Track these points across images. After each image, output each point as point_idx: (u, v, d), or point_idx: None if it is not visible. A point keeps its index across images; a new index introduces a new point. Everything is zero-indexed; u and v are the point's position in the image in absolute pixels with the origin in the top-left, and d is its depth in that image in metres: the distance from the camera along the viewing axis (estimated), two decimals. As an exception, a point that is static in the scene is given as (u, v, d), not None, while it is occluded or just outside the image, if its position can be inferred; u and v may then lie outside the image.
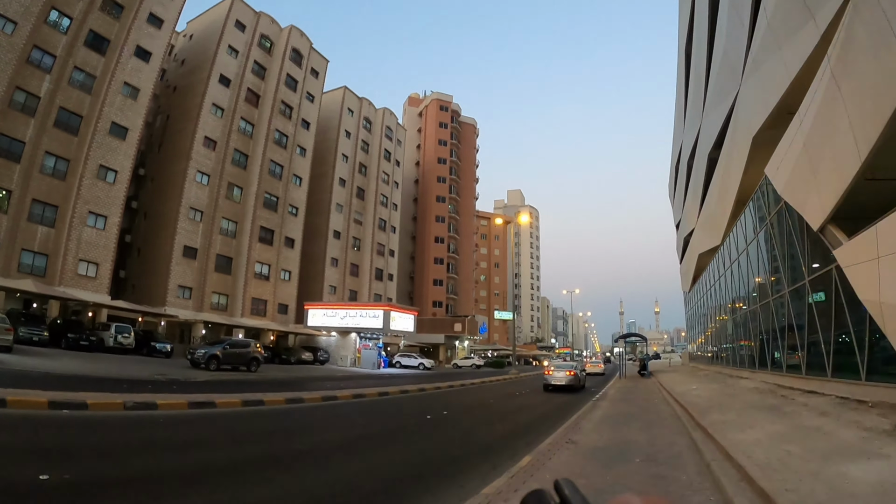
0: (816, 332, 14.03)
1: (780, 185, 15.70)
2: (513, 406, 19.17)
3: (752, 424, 9.16)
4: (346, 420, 13.48)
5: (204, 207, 46.44)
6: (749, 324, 22.78)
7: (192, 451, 8.66)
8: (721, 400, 14.16)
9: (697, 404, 13.28)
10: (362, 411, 15.48)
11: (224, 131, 48.66)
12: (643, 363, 42.16)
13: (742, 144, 20.27)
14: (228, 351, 29.97)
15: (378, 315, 44.83)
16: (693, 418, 10.93)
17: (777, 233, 17.50)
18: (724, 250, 27.75)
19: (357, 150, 65.13)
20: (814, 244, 14.32)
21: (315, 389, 20.52)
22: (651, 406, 15.76)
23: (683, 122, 37.50)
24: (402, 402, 18.69)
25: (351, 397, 18.45)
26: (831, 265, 12.87)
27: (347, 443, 9.83)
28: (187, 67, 51.32)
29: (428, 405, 17.80)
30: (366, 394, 19.47)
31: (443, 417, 14.59)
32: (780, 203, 16.43)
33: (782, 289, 16.87)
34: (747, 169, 20.16)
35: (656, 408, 15.10)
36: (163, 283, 43.71)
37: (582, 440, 9.60)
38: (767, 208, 18.35)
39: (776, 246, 17.53)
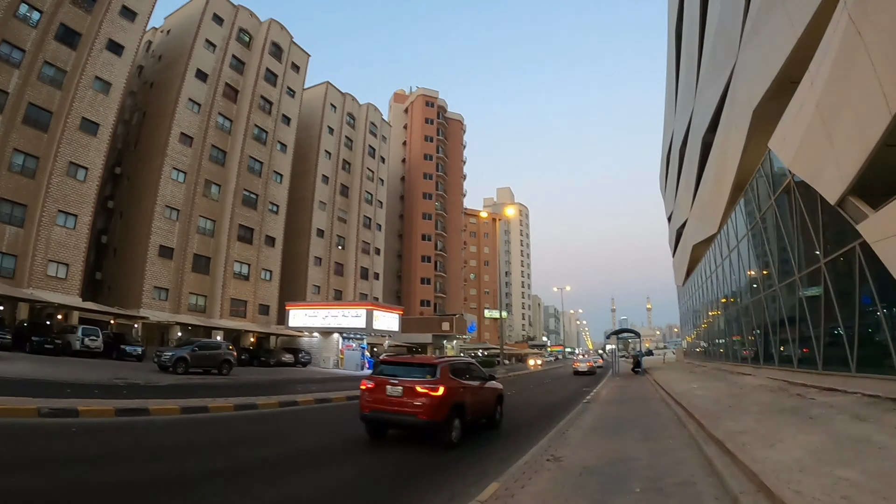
0: (835, 322, 12.13)
1: (787, 159, 13.81)
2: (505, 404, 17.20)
3: (779, 435, 7.18)
4: (289, 432, 11.46)
5: (180, 206, 44.23)
6: (751, 316, 20.85)
7: (81, 466, 7.00)
8: (729, 401, 12.20)
9: (703, 407, 11.27)
10: (318, 419, 13.53)
11: (201, 127, 46.51)
12: (637, 360, 40.27)
13: (741, 120, 18.39)
14: (198, 353, 28.07)
15: (361, 314, 42.71)
16: (702, 426, 8.88)
17: (783, 213, 15.61)
18: (720, 239, 25.87)
19: (340, 147, 62.83)
20: (829, 221, 12.45)
21: (284, 393, 18.61)
22: (649, 409, 13.80)
23: (675, 108, 35.67)
24: None
25: (313, 402, 16.46)
26: (854, 242, 10.98)
27: (261, 466, 7.73)
28: (164, 63, 49.19)
29: None
30: (332, 398, 17.47)
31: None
32: (788, 179, 14.54)
33: (791, 275, 14.96)
34: (747, 147, 18.28)
35: (655, 411, 13.14)
36: (138, 285, 41.55)
37: (567, 456, 7.62)
38: (772, 188, 16.46)
39: (782, 228, 15.61)
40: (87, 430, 9.58)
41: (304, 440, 10.29)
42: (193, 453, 8.50)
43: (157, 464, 7.52)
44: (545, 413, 15.58)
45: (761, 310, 18.99)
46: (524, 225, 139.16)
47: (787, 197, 14.98)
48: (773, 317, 17.53)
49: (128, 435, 9.65)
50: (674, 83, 35.82)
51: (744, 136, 18.05)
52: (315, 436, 11.06)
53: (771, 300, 17.55)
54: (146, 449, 8.63)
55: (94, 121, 38.65)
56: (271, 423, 12.64)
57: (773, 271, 16.89)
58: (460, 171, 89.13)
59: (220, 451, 8.85)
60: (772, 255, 16.99)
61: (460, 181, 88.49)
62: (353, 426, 10.74)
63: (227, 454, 8.53)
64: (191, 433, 10.50)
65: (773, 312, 17.52)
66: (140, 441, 9.21)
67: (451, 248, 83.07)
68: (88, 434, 9.30)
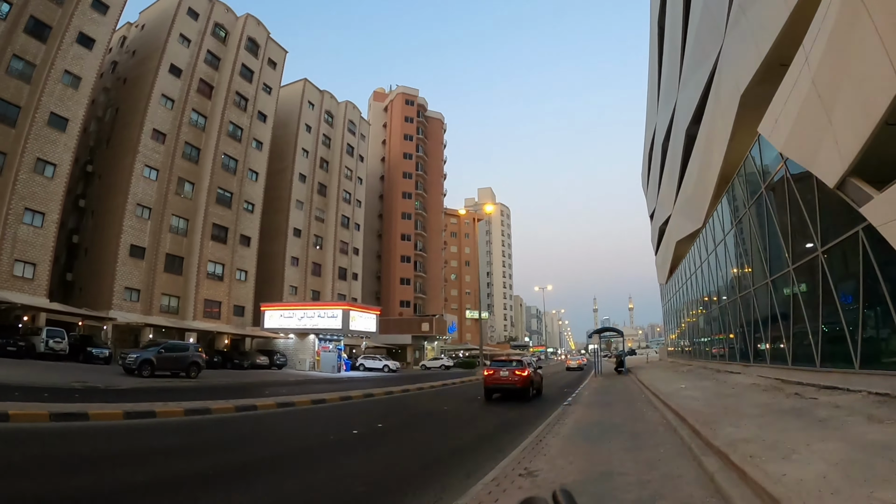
0: (836, 315, 11.12)
1: (779, 143, 12.79)
2: (468, 414, 15.96)
3: (790, 443, 6.02)
4: (235, 443, 10.02)
5: (152, 204, 42.57)
6: (739, 312, 19.87)
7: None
8: (722, 402, 11.06)
9: (695, 409, 10.06)
10: (273, 427, 12.14)
11: (174, 124, 44.87)
12: (620, 359, 39.20)
13: (727, 108, 17.41)
14: (164, 355, 26.65)
15: (337, 315, 41.28)
16: (697, 433, 7.67)
17: (775, 202, 14.63)
18: (705, 234, 24.93)
19: (318, 145, 61.20)
20: (827, 207, 11.46)
21: (249, 396, 17.25)
22: (635, 412, 12.59)
23: (657, 102, 34.78)
24: (335, 413, 15.31)
25: (275, 406, 15.06)
26: (857, 226, 9.97)
27: (188, 481, 6.37)
28: (137, 58, 47.47)
29: (364, 417, 14.50)
30: (296, 402, 16.04)
31: (371, 434, 11.20)
32: (781, 164, 13.55)
33: (783, 267, 13.96)
34: (734, 136, 17.30)
35: (642, 414, 11.94)
36: (108, 286, 39.84)
37: (543, 471, 6.40)
38: (762, 176, 15.47)
39: (774, 217, 14.60)
40: (12, 437, 8.68)
41: (258, 451, 8.91)
42: (106, 466, 7.16)
43: (56, 477, 6.25)
44: (523, 417, 14.44)
45: (750, 305, 17.99)
46: (506, 225, 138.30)
47: (780, 184, 13.99)
48: (763, 312, 16.51)
49: (53, 441, 8.67)
50: (656, 76, 34.92)
51: (730, 125, 17.08)
52: (263, 445, 9.68)
53: (761, 295, 16.55)
54: (52, 459, 7.39)
55: (63, 116, 37.13)
56: (217, 430, 11.32)
57: (763, 264, 15.86)
58: (440, 171, 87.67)
59: (140, 462, 7.52)
60: (762, 248, 15.97)
61: (440, 180, 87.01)
62: (304, 429, 9.47)
63: (146, 467, 7.22)
64: (120, 442, 9.18)
65: (763, 308, 16.51)
66: (53, 450, 8.06)
67: (432, 248, 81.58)
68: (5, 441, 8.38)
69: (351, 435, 11.01)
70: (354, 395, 19.26)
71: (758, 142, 15.26)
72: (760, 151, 15.20)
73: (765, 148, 14.88)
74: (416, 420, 14.36)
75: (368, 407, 17.19)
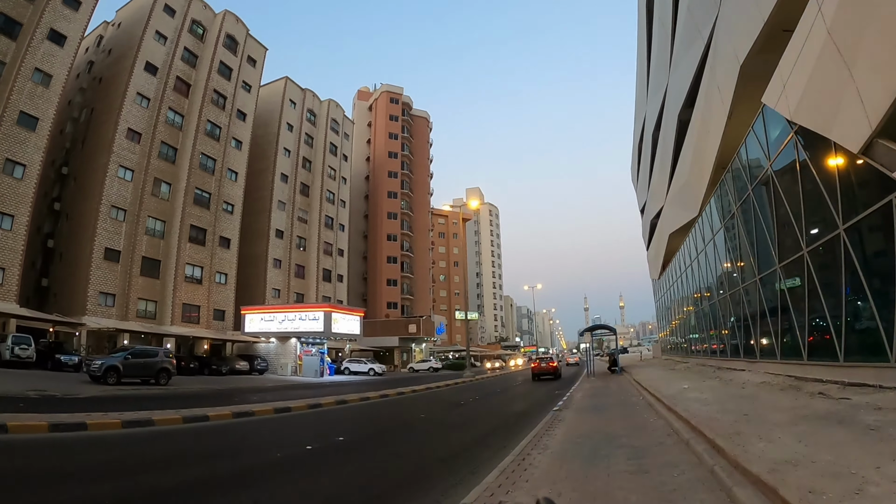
0: (864, 301, 9.50)
1: (789, 109, 11.16)
2: (448, 422, 14.24)
3: (855, 467, 4.29)
4: (158, 463, 8.05)
5: (127, 205, 40.57)
6: (742, 304, 18.23)
7: None
8: (738, 406, 9.36)
9: (707, 416, 8.31)
10: (216, 442, 10.38)
11: (150, 123, 42.91)
12: (613, 358, 37.34)
13: (725, 83, 15.83)
14: (131, 361, 24.93)
15: (318, 317, 39.31)
16: (719, 449, 5.87)
17: (784, 179, 13.05)
18: (701, 223, 23.32)
19: (300, 144, 59.19)
20: (853, 178, 9.92)
21: (215, 405, 15.39)
22: (635, 419, 10.85)
23: (646, 91, 33.23)
24: (297, 424, 13.57)
25: (230, 417, 13.26)
26: (889, 196, 8.41)
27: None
28: (113, 57, 45.52)
29: (326, 428, 12.84)
30: (255, 411, 14.23)
31: (328, 451, 9.39)
32: (790, 135, 11.97)
33: (795, 250, 12.36)
34: (733, 114, 15.71)
35: (643, 422, 10.22)
36: (82, 290, 37.86)
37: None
38: (767, 152, 13.88)
39: (782, 196, 13.02)
40: None
41: (168, 474, 7.15)
42: None
43: None
44: (506, 424, 12.77)
45: (756, 296, 16.34)
46: (494, 225, 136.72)
47: (789, 158, 12.42)
48: (771, 303, 14.84)
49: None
50: (645, 64, 33.37)
51: (728, 101, 15.49)
52: (189, 467, 7.82)
53: (769, 284, 14.92)
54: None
55: (33, 115, 35.31)
56: (148, 446, 9.65)
57: (771, 249, 14.22)
58: (427, 170, 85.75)
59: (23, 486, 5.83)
60: (768, 232, 14.36)
61: (427, 180, 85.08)
62: (260, 451, 7.72)
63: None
64: (23, 460, 7.63)
65: (771, 298, 14.84)
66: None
67: (418, 248, 79.59)
68: None
69: (303, 451, 9.24)
70: (325, 403, 17.44)
71: (762, 114, 13.67)
72: (765, 125, 13.61)
73: (770, 121, 13.30)
74: (384, 431, 12.56)
75: (337, 416, 15.44)
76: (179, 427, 11.80)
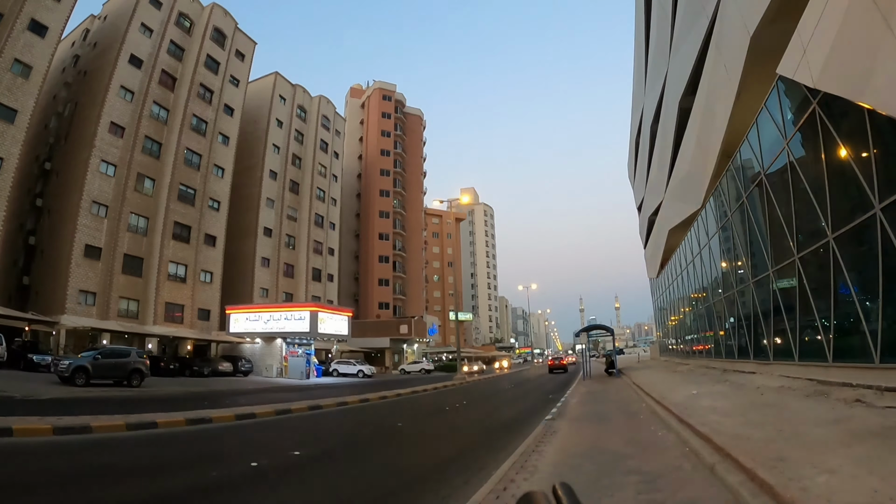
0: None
1: (812, 76, 9.63)
2: (425, 433, 12.68)
3: None
4: (70, 481, 6.09)
5: (109, 201, 38.97)
6: (752, 300, 16.71)
7: None
8: (764, 417, 7.82)
9: (734, 433, 6.76)
10: (154, 455, 8.54)
11: (134, 116, 41.38)
12: (611, 360, 35.61)
13: (733, 60, 14.37)
14: (101, 362, 23.54)
15: (304, 316, 37.67)
16: (762, 483, 4.31)
17: (803, 158, 11.62)
18: (705, 215, 21.85)
19: (290, 141, 57.54)
20: (886, 147, 8.50)
21: (186, 409, 14.00)
22: (642, 433, 9.21)
23: (644, 82, 31.79)
24: (257, 433, 12.02)
25: (184, 424, 11.71)
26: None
27: None
28: (98, 50, 44.07)
29: (287, 440, 11.24)
30: (213, 417, 12.73)
31: (278, 469, 7.85)
32: (811, 107, 10.54)
33: (818, 237, 10.86)
34: (741, 95, 14.28)
35: (651, 436, 8.65)
36: (62, 288, 36.31)
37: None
38: (783, 132, 12.41)
39: (802, 177, 11.53)
40: None
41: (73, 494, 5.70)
42: None
43: None
44: (490, 436, 11.24)
45: (768, 292, 14.86)
46: (489, 226, 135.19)
47: (808, 135, 10.97)
48: (787, 299, 13.30)
49: None
50: (643, 53, 31.92)
51: (737, 80, 14.02)
52: (102, 485, 6.01)
53: (785, 277, 13.42)
54: None
55: (12, 107, 33.73)
56: (74, 456, 8.06)
57: (788, 239, 12.70)
58: (420, 168, 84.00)
59: None
60: (785, 219, 12.88)
61: (420, 178, 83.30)
62: (201, 466, 6.19)
63: None
64: None
65: (788, 294, 13.32)
66: None
67: (411, 247, 77.87)
68: None
69: (249, 469, 7.74)
70: (295, 409, 15.84)
71: (776, 88, 12.23)
72: (780, 101, 12.17)
73: (785, 95, 11.88)
74: (349, 444, 10.92)
75: (304, 424, 13.87)
76: (119, 435, 10.28)
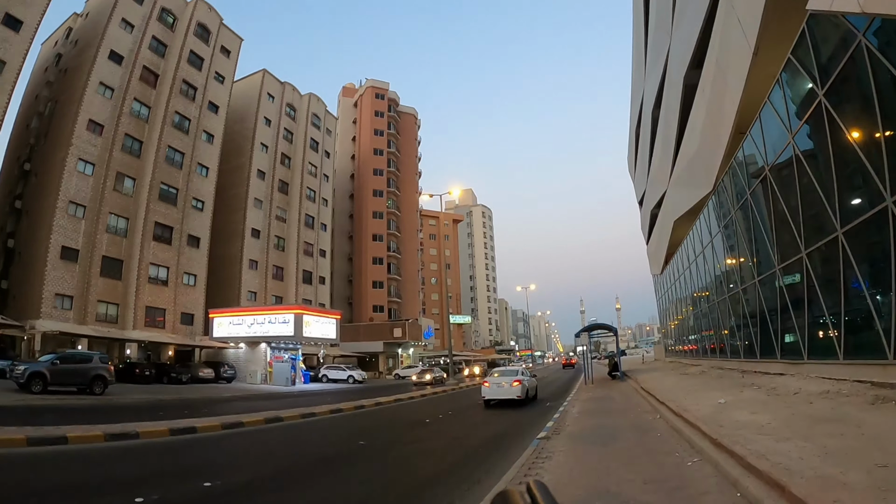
0: None
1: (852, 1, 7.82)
2: (392, 454, 10.22)
3: None
4: None
5: (87, 202, 37.00)
6: (779, 290, 14.24)
7: None
8: (840, 440, 5.46)
9: (816, 473, 4.53)
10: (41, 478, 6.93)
11: (113, 114, 39.46)
12: (614, 362, 32.78)
13: (748, 11, 12.35)
14: (59, 367, 21.90)
15: (288, 320, 35.58)
16: None
17: (844, 103, 9.59)
18: (716, 199, 19.70)
19: (279, 139, 55.44)
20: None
21: (135, 420, 12.04)
22: (665, 463, 6.79)
23: (644, 67, 29.63)
24: (186, 454, 9.78)
25: (103, 439, 9.55)
26: None
27: None
28: (79, 47, 42.27)
29: (220, 464, 8.93)
30: (142, 432, 10.55)
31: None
32: (857, 39, 8.57)
33: (874, 200, 8.77)
34: (759, 50, 12.16)
35: (678, 467, 6.35)
36: (38, 292, 34.48)
37: None
38: (818, 83, 10.29)
39: (844, 129, 9.45)
40: None
41: None
42: None
43: None
44: (468, 463, 9.03)
45: (803, 277, 12.43)
46: (488, 227, 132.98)
47: (852, 73, 8.95)
48: (829, 287, 11.10)
49: None
50: (642, 37, 29.79)
51: (754, 34, 11.94)
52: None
53: (825, 260, 11.35)
54: None
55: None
56: None
57: (829, 213, 10.37)
58: (415, 168, 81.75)
59: None
60: (823, 190, 10.58)
61: (415, 178, 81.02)
62: None
63: None
64: None
65: (829, 281, 11.22)
66: None
67: (406, 249, 75.59)
68: None
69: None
70: (249, 422, 13.70)
71: (804, 31, 10.19)
72: (814, 43, 10.05)
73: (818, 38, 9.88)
74: (290, 470, 8.58)
75: (247, 442, 11.73)
76: (18, 451, 8.37)
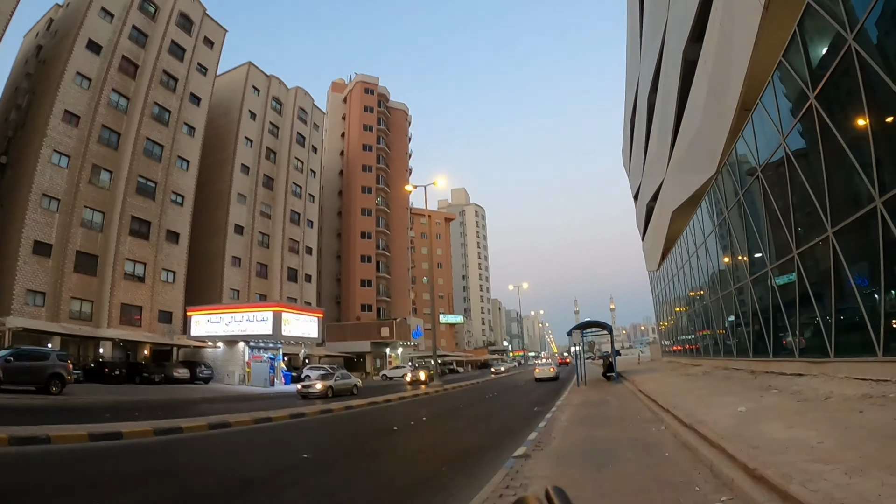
0: None
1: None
2: (338, 472, 8.31)
3: None
4: None
5: (61, 194, 35.43)
6: (801, 279, 12.63)
7: None
8: None
9: None
10: None
11: (90, 105, 37.89)
12: (609, 363, 31.14)
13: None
14: (11, 365, 20.49)
15: (267, 317, 34.08)
16: None
17: (868, 71, 8.29)
18: (720, 183, 18.27)
19: (264, 134, 53.83)
20: None
21: (63, 422, 10.19)
22: (676, 493, 5.36)
23: (639, 49, 28.09)
24: (98, 468, 7.13)
25: (7, 443, 8.58)
26: None
27: None
28: (58, 37, 40.76)
29: (127, 480, 6.61)
30: (54, 436, 8.69)
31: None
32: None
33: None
34: (770, 4, 10.91)
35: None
36: (8, 288, 32.98)
37: None
38: (846, 24, 8.92)
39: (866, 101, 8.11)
40: None
41: None
42: None
43: None
44: (431, 487, 7.35)
45: (828, 261, 10.75)
46: (481, 227, 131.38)
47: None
48: (861, 271, 9.72)
49: None
50: (637, 20, 28.45)
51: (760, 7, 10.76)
52: None
53: (853, 243, 9.95)
54: None
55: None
56: None
57: (865, 182, 9.03)
58: (405, 165, 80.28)
59: None
60: (854, 153, 9.17)
61: (405, 175, 79.34)
62: None
63: None
64: None
65: (857, 268, 9.86)
66: None
67: (396, 247, 74.10)
68: None
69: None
70: (189, 427, 12.25)
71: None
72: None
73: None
74: (203, 498, 6.85)
75: (186, 450, 10.06)
76: None
